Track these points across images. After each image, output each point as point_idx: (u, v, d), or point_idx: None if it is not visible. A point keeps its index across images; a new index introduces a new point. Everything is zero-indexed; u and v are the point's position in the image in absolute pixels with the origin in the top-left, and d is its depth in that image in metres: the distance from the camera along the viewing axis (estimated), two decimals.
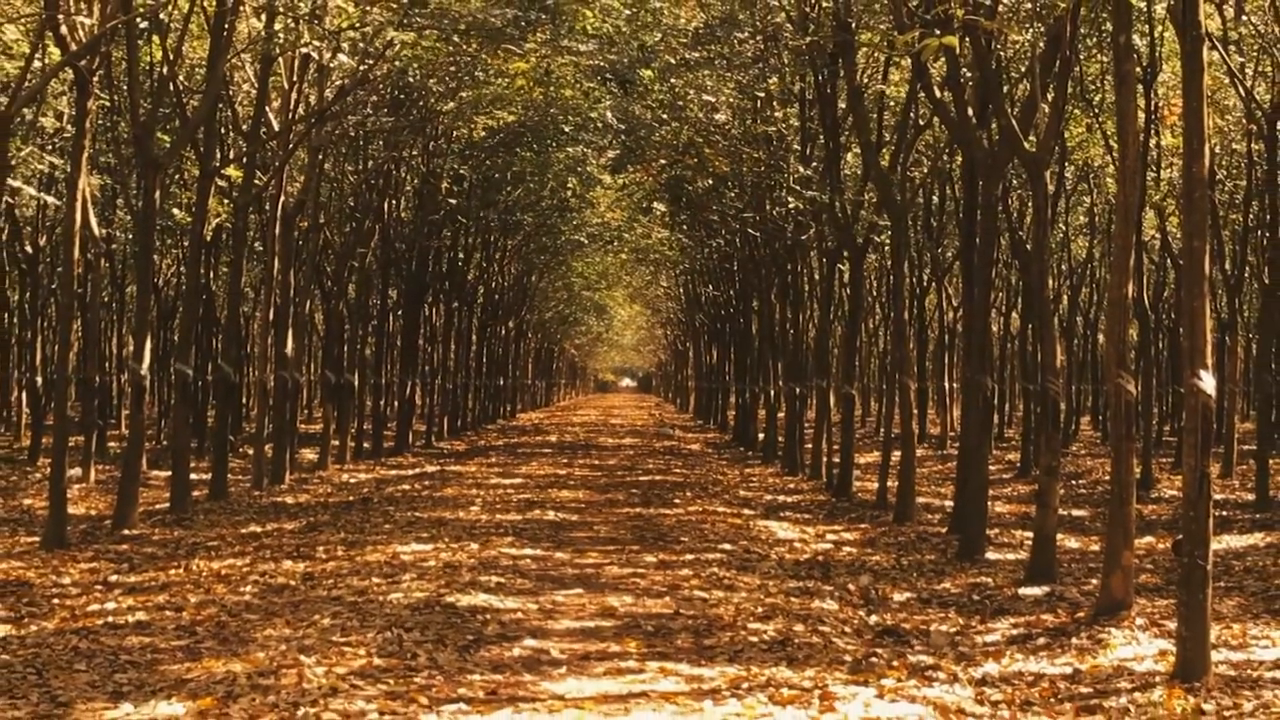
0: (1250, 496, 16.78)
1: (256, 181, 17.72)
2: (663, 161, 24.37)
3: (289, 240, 19.53)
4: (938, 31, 9.96)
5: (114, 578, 10.73)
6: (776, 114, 21.25)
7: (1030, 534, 11.74)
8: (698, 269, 38.77)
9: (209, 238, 22.25)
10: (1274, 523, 14.68)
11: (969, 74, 13.38)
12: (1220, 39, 17.21)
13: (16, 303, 27.56)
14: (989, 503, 13.52)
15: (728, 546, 12.89)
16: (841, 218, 18.31)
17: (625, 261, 45.11)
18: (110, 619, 9.03)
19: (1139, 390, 19.17)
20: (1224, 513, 15.14)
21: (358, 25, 17.49)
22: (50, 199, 21.65)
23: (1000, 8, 12.72)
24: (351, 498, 17.28)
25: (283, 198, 18.98)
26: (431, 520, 14.58)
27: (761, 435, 27.66)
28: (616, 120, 23.01)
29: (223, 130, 20.17)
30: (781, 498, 18.43)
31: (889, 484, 16.66)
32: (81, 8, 14.15)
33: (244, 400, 31.21)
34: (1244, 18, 17.84)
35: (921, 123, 17.77)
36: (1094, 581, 10.38)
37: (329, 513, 15.45)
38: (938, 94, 14.02)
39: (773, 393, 26.45)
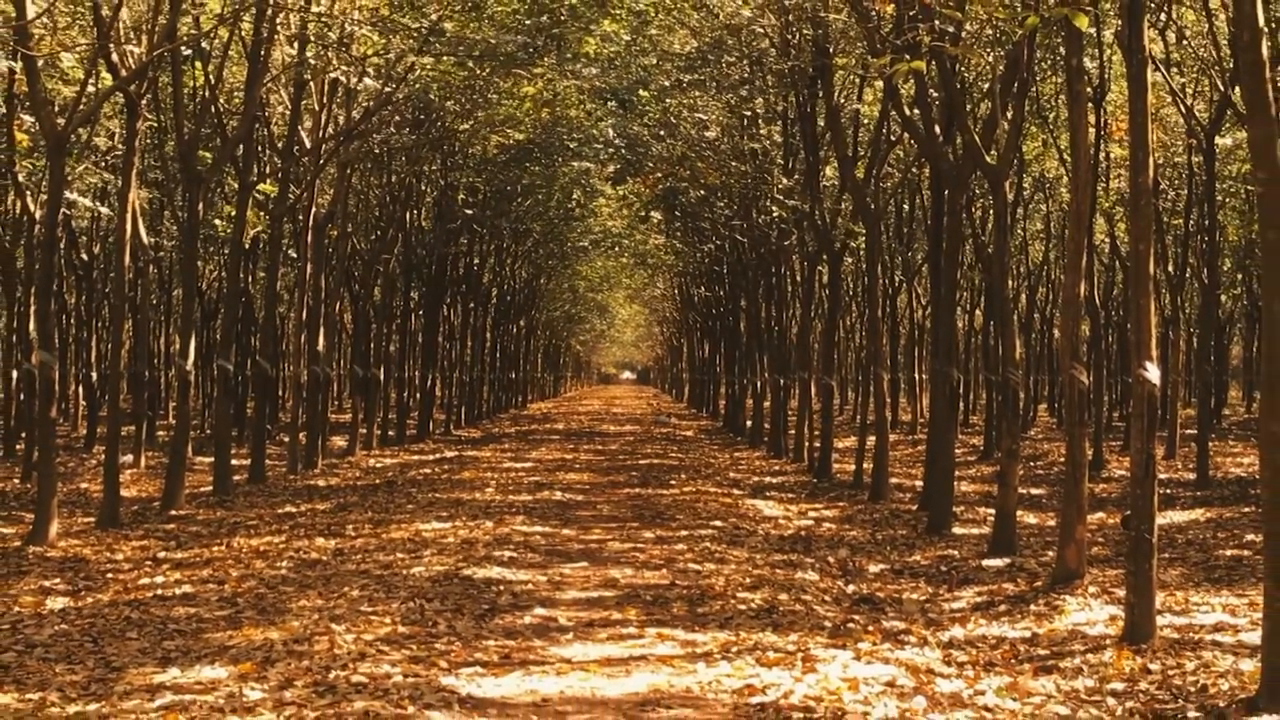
0: (1192, 476, 16.79)
1: (290, 194, 17.71)
2: (659, 174, 24.33)
3: (320, 247, 19.52)
4: (907, 56, 9.95)
5: (162, 554, 10.73)
6: (761, 131, 21.23)
7: (992, 510, 11.75)
8: (691, 272, 38.71)
9: (247, 245, 22.18)
10: (1213, 499, 14.69)
11: (936, 94, 13.36)
12: (1163, 61, 17.19)
13: (73, 305, 27.53)
14: (955, 482, 13.54)
15: (719, 523, 12.88)
16: (821, 225, 18.30)
17: (625, 265, 45.00)
18: (159, 592, 9.02)
19: (1090, 380, 19.17)
20: (1168, 491, 15.14)
21: (382, 52, 17.48)
22: (104, 210, 21.61)
23: (964, 34, 12.70)
24: (378, 481, 17.27)
25: (314, 209, 18.96)
26: (450, 501, 14.57)
27: (749, 423, 27.65)
28: (616, 137, 22.99)
29: (259, 148, 20.11)
30: (767, 479, 18.42)
31: (865, 466, 16.65)
32: (131, 37, 14.13)
33: (280, 393, 31.20)
34: (1185, 42, 17.83)
35: (893, 138, 17.73)
36: (1050, 553, 10.38)
37: (357, 494, 15.44)
38: (907, 112, 14.00)
39: (759, 384, 26.42)
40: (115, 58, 12.65)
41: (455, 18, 17.04)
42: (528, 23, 17.45)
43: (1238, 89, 14.06)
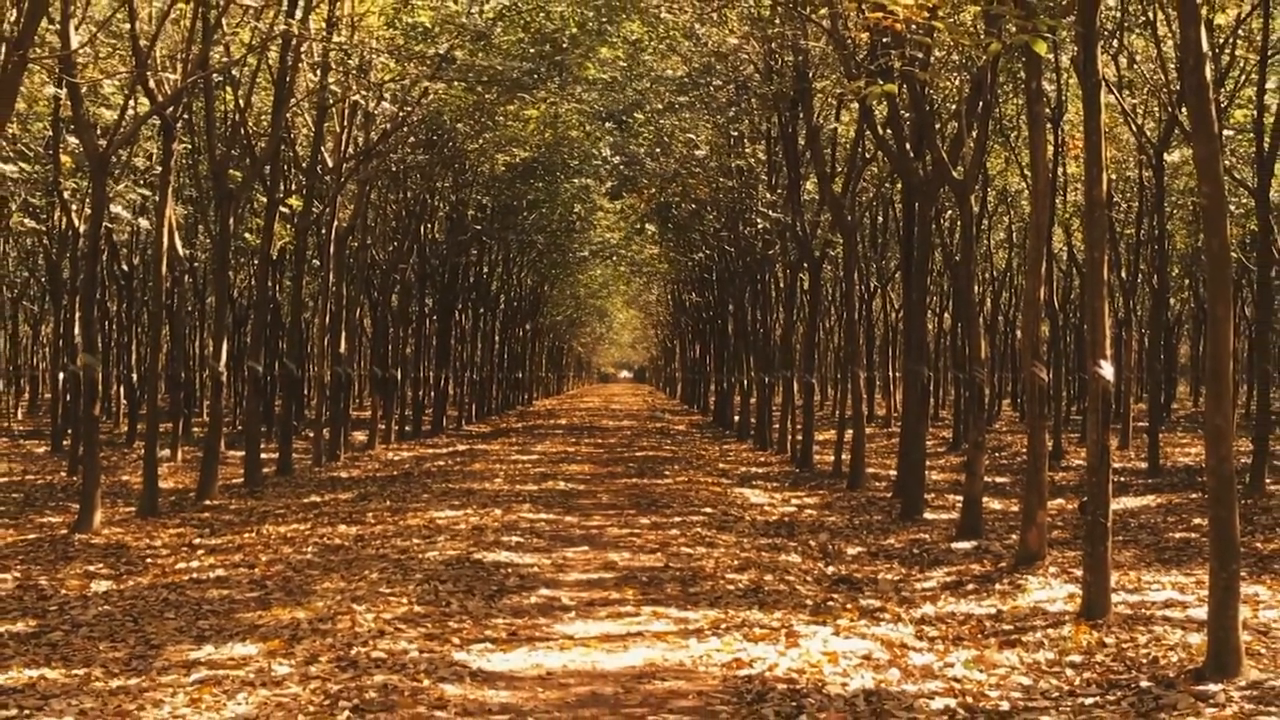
0: (1143, 465, 16.80)
1: (314, 209, 17.69)
2: (653, 189, 24.34)
3: (341, 258, 19.50)
4: (880, 80, 9.95)
5: (197, 541, 10.71)
6: (747, 149, 21.24)
7: (961, 498, 11.74)
8: (683, 279, 38.70)
9: (275, 256, 22.16)
10: (1163, 487, 14.69)
11: (907, 115, 13.37)
12: (1116, 84, 17.20)
13: (115, 312, 27.49)
14: (926, 472, 13.54)
15: (709, 510, 12.88)
16: (802, 235, 18.30)
17: (622, 273, 44.97)
18: (194, 575, 9.01)
19: (1050, 377, 19.16)
20: (1122, 479, 15.14)
21: (398, 78, 17.46)
22: (143, 224, 21.60)
23: (932, 60, 12.70)
24: (395, 473, 17.25)
25: (336, 222, 18.93)
26: (462, 491, 14.56)
27: (737, 418, 27.64)
28: (614, 155, 22.99)
29: (285, 167, 20.11)
30: (754, 469, 18.42)
31: (843, 457, 16.65)
32: (166, 66, 14.12)
33: (305, 392, 31.14)
34: (1135, 67, 17.85)
35: (868, 156, 17.75)
36: (1014, 537, 10.38)
37: (376, 485, 15.43)
38: (881, 132, 14.01)
39: (746, 382, 26.42)
40: (152, 84, 12.63)
41: (465, 47, 17.05)
42: (531, 51, 17.45)
43: (1184, 109, 14.07)
